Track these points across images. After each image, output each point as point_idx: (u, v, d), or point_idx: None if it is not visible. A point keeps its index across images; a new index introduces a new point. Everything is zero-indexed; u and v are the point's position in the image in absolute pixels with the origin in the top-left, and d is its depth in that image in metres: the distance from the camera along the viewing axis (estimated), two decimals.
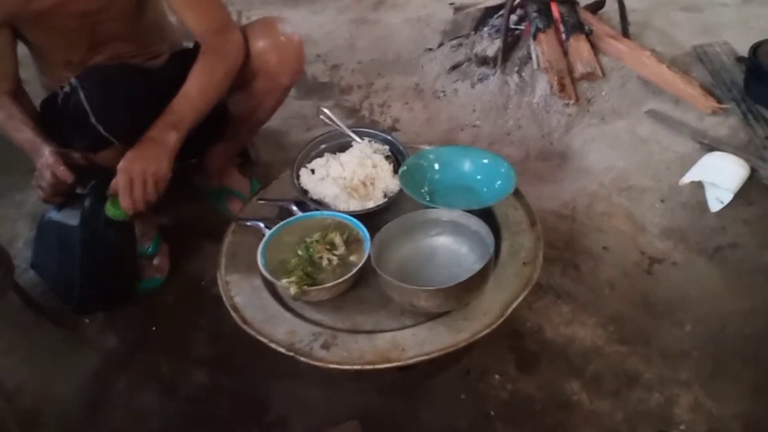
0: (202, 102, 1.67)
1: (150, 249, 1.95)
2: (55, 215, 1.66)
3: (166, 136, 1.59)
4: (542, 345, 1.66)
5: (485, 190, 1.66)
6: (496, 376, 1.60)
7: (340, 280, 1.42)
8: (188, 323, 1.81)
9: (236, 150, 2.15)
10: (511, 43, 2.60)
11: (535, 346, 1.66)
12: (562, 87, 2.39)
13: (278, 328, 1.42)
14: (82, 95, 1.55)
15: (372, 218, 1.58)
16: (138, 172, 1.53)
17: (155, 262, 1.95)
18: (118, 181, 1.53)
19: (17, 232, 2.12)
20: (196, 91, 1.66)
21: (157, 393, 1.65)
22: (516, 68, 2.53)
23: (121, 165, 1.54)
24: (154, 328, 1.80)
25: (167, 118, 1.61)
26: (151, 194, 1.56)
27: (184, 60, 1.75)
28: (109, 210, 1.56)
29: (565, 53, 2.48)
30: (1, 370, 1.70)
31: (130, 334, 1.79)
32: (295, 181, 1.71)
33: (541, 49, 2.48)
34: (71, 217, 1.61)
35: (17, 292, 1.77)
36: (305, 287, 1.42)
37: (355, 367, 1.34)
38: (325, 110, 1.87)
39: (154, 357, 1.73)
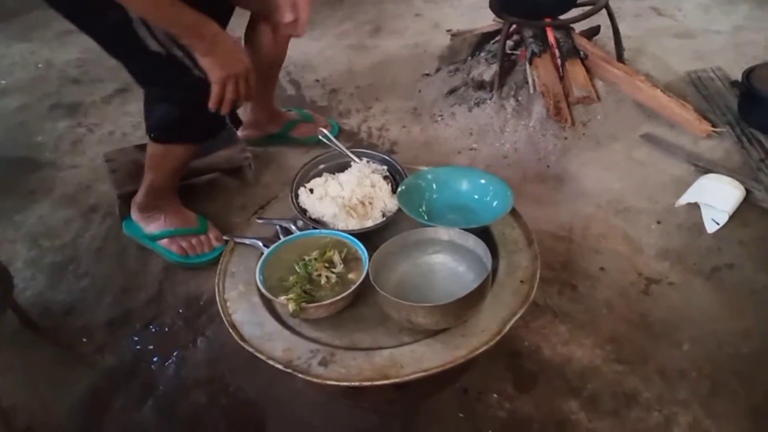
0: None
1: None
2: None
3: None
4: (540, 364, 1.66)
5: (482, 209, 1.67)
6: (494, 396, 1.59)
7: (339, 297, 1.42)
8: (186, 342, 1.80)
9: (270, 98, 2.45)
10: (508, 67, 2.63)
11: (533, 366, 1.66)
12: (558, 111, 2.41)
13: (276, 345, 1.41)
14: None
15: (370, 237, 1.58)
16: (233, 80, 1.73)
17: None
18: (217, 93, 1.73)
19: (16, 252, 2.12)
20: None
21: (154, 413, 1.64)
22: (512, 92, 2.56)
23: (215, 78, 1.71)
24: (151, 347, 1.79)
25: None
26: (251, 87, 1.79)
27: None
28: None
29: (561, 78, 2.51)
30: None
31: (127, 353, 1.78)
32: (294, 201, 1.71)
33: (537, 73, 2.51)
34: None
35: (15, 312, 1.77)
36: (303, 304, 1.41)
37: (353, 383, 1.33)
38: (325, 131, 1.88)
39: (151, 377, 1.72)
